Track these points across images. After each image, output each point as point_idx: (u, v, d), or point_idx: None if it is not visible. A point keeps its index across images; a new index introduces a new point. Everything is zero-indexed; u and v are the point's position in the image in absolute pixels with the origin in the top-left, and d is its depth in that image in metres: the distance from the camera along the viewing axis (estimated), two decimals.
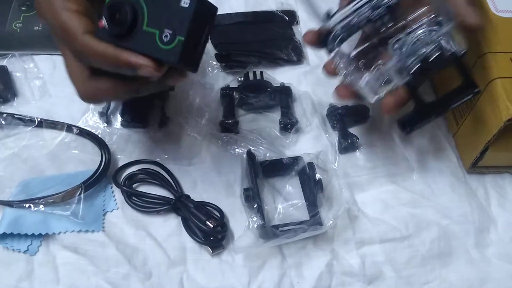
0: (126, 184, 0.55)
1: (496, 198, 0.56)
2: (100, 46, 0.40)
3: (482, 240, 0.53)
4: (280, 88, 0.62)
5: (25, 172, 0.56)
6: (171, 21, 0.40)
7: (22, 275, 0.50)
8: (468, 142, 0.56)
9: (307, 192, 0.55)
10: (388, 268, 0.51)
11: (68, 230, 0.52)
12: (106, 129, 0.60)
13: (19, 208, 0.52)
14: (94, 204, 0.54)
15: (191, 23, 0.39)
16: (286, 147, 0.59)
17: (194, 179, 0.57)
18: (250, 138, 0.59)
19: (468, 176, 0.58)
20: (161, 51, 0.40)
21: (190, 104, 0.62)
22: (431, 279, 0.51)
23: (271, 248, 0.52)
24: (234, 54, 0.66)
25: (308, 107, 0.62)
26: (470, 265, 0.52)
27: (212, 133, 0.60)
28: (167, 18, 0.40)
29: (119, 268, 0.50)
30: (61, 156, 0.57)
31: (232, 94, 0.62)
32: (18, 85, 0.63)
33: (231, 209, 0.54)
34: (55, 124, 0.59)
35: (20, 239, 0.51)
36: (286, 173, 0.56)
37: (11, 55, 0.65)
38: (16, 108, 0.61)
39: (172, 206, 0.53)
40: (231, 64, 0.65)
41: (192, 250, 0.52)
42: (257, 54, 0.66)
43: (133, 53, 0.40)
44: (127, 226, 0.53)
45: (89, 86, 0.43)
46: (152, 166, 0.57)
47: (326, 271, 0.51)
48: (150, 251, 0.52)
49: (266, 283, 0.50)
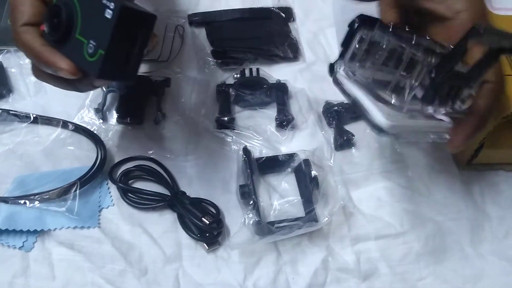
0: (122, 180, 0.55)
1: (491, 195, 0.57)
2: (29, 40, 0.41)
3: (477, 236, 0.53)
4: (276, 85, 0.62)
5: (20, 168, 0.56)
6: (96, 32, 0.38)
7: (17, 271, 0.50)
8: None
9: (303, 189, 0.55)
10: (383, 264, 0.51)
11: (64, 227, 0.52)
12: (102, 125, 0.59)
13: (15, 204, 0.52)
14: (89, 201, 0.54)
15: (113, 35, 0.37)
16: (282, 144, 0.59)
17: (190, 176, 0.57)
18: (246, 134, 0.59)
19: (462, 173, 0.58)
20: (86, 63, 0.39)
21: (186, 100, 0.62)
22: (426, 275, 0.51)
23: (266, 245, 0.52)
24: (230, 51, 0.66)
25: (304, 104, 0.62)
26: (464, 262, 0.52)
27: (208, 130, 0.60)
28: (93, 28, 0.39)
29: (114, 265, 0.50)
30: (57, 152, 0.57)
31: (228, 91, 0.62)
32: (13, 81, 0.63)
33: (227, 206, 0.54)
34: (50, 120, 0.59)
35: (16, 235, 0.51)
36: (282, 170, 0.57)
37: (6, 51, 0.64)
38: (11, 104, 0.60)
39: (168, 202, 0.53)
40: (227, 61, 0.65)
41: (187, 246, 0.52)
42: (253, 51, 0.66)
43: (58, 54, 0.40)
44: (123, 223, 0.53)
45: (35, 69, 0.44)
46: (148, 163, 0.57)
47: (321, 268, 0.51)
48: (146, 248, 0.52)
49: (261, 279, 0.50)
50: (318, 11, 0.71)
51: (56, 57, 0.40)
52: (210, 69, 0.65)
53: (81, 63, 0.39)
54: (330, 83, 0.61)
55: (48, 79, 0.43)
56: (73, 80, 0.42)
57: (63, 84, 0.44)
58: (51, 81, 0.44)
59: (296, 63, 0.66)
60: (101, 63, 0.38)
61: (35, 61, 0.42)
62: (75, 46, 0.40)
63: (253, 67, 0.63)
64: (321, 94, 0.63)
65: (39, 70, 0.43)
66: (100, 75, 0.38)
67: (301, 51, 0.67)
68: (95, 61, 0.38)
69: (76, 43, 0.40)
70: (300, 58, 0.67)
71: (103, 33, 0.37)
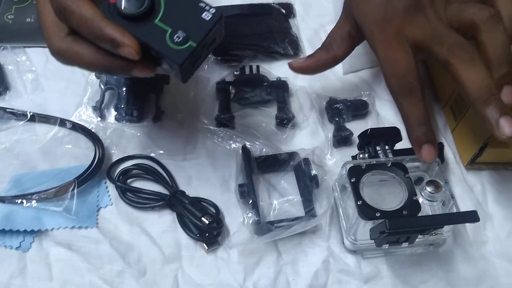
0: (120, 179, 0.54)
1: (493, 194, 0.56)
2: (89, 10, 0.39)
3: (479, 237, 0.53)
4: (276, 82, 0.61)
5: (17, 167, 0.55)
6: (187, 25, 0.41)
7: (14, 272, 0.49)
8: (467, 138, 0.56)
9: (303, 188, 0.54)
10: (385, 266, 0.51)
11: (61, 226, 0.52)
12: (100, 123, 0.59)
13: (11, 203, 0.51)
14: (87, 200, 0.53)
15: (207, 35, 0.41)
16: (282, 143, 0.58)
17: (189, 175, 0.56)
18: (246, 133, 0.58)
19: (465, 172, 0.57)
20: (168, 48, 0.41)
21: (185, 98, 0.61)
22: (428, 278, 0.50)
23: (266, 245, 0.51)
24: (230, 48, 0.65)
25: (305, 102, 0.61)
26: (466, 263, 0.51)
27: (207, 128, 0.59)
28: (184, 21, 0.41)
29: (113, 265, 0.50)
30: (54, 151, 0.56)
31: (228, 89, 0.61)
32: (10, 79, 0.62)
33: (227, 205, 0.54)
34: (47, 118, 0.58)
35: (12, 236, 0.51)
36: (281, 169, 0.56)
37: (2, 48, 0.63)
38: (8, 102, 0.60)
39: (167, 202, 0.53)
40: (227, 57, 0.64)
41: (187, 246, 0.52)
42: (253, 47, 0.65)
43: (120, 29, 0.39)
44: (121, 222, 0.53)
45: (65, 44, 0.42)
46: (147, 161, 0.56)
47: (322, 269, 0.50)
48: (145, 248, 0.51)
49: (261, 280, 0.50)
50: (318, 7, 0.71)
51: (120, 32, 0.39)
52: (210, 66, 0.64)
53: (160, 46, 0.41)
54: (330, 81, 0.61)
55: (78, 58, 0.41)
56: (114, 63, 0.41)
57: (95, 65, 0.42)
58: (82, 60, 0.42)
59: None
60: (188, 53, 0.41)
61: (93, 35, 0.39)
62: (151, 30, 0.41)
63: (253, 64, 0.62)
64: (322, 92, 0.62)
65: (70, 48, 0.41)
66: (184, 62, 0.41)
67: (301, 48, 0.66)
68: (181, 49, 0.41)
69: (154, 27, 0.41)
70: (301, 55, 0.66)
71: (197, 30, 0.41)
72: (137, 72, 0.42)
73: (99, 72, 0.43)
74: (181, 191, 0.53)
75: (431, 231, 0.46)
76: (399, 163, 0.49)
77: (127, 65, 0.42)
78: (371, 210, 0.45)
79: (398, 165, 0.48)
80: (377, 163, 0.49)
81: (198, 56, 0.43)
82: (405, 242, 0.47)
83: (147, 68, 0.43)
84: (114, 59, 0.41)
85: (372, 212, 0.45)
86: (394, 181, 0.49)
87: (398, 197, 0.47)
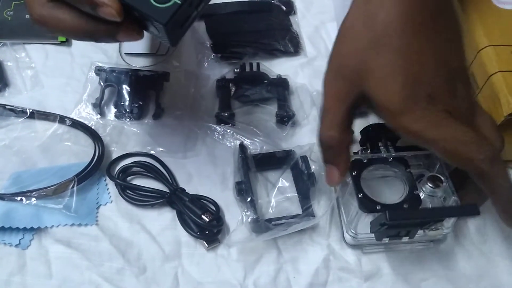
0: (120, 177, 0.54)
1: None
2: None
3: (480, 235, 0.53)
4: (276, 80, 0.61)
5: (16, 164, 0.55)
6: None
7: (14, 269, 0.49)
8: None
9: (300, 186, 0.54)
10: (385, 264, 0.51)
11: (61, 224, 0.51)
12: (100, 120, 0.59)
13: (11, 201, 0.51)
14: (87, 197, 0.53)
15: None
16: (282, 140, 0.58)
17: (189, 172, 0.56)
18: (246, 130, 0.58)
19: None
20: (151, 7, 0.38)
21: (185, 95, 0.61)
22: (428, 276, 0.50)
23: (266, 243, 0.51)
24: (230, 45, 0.65)
25: (305, 99, 0.61)
26: (467, 261, 0.51)
27: (207, 126, 0.59)
28: None
29: (112, 263, 0.50)
30: (54, 148, 0.56)
31: (228, 86, 0.61)
32: (9, 75, 0.62)
33: (227, 203, 0.54)
34: (47, 115, 0.58)
35: (12, 233, 0.50)
36: (279, 167, 0.56)
37: (2, 44, 0.63)
38: (7, 98, 0.60)
39: (167, 199, 0.52)
40: (227, 55, 0.64)
41: (187, 244, 0.51)
42: (254, 45, 0.65)
43: None
44: (121, 220, 0.52)
45: (46, 10, 0.40)
46: (147, 159, 0.56)
47: (322, 266, 0.50)
48: (145, 245, 0.51)
49: (262, 277, 0.50)
50: (319, 4, 0.70)
51: None
52: (210, 64, 0.64)
53: (143, 7, 0.38)
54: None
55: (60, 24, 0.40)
56: (96, 27, 0.39)
57: (78, 30, 0.40)
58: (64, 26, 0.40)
59: (297, 57, 0.65)
60: (173, 11, 0.37)
61: None
62: None
63: (254, 61, 0.62)
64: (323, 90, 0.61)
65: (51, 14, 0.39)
66: (168, 21, 0.38)
67: (302, 45, 0.66)
68: (165, 7, 0.38)
69: None
70: (301, 53, 0.66)
71: None
72: (122, 37, 0.40)
73: (83, 39, 0.41)
74: (181, 188, 0.53)
75: (431, 225, 0.46)
76: (400, 157, 0.48)
77: (111, 29, 0.40)
78: (371, 203, 0.45)
79: (400, 160, 0.48)
80: (378, 158, 0.49)
81: (186, 16, 0.40)
82: (406, 236, 0.47)
83: (132, 31, 0.40)
84: (96, 23, 0.39)
85: (373, 204, 0.45)
86: (395, 176, 0.49)
87: (399, 192, 0.47)
